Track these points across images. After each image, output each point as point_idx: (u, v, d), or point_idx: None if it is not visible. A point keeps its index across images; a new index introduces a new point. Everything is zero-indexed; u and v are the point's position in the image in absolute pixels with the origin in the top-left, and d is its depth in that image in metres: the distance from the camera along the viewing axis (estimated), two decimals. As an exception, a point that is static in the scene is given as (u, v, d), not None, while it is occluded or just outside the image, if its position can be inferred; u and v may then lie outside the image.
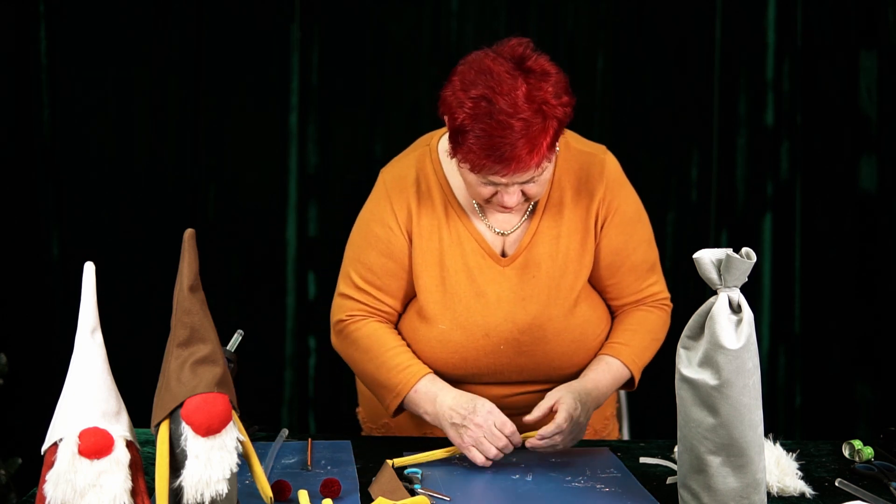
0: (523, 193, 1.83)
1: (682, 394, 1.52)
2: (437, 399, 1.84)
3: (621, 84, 3.19)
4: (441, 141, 1.97)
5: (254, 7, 3.15)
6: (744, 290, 1.50)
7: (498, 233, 1.95)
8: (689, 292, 3.16)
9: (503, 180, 1.78)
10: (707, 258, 1.49)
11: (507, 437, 1.77)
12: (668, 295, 2.06)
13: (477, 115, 1.73)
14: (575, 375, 1.94)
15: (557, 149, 1.86)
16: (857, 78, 3.14)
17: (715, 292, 1.51)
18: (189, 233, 1.38)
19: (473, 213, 1.96)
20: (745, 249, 1.49)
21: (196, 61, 3.14)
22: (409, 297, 1.98)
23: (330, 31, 3.15)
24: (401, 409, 1.91)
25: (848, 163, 3.17)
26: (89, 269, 1.38)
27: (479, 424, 1.77)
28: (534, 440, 1.78)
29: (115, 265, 3.11)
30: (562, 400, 1.81)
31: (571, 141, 1.99)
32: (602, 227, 1.96)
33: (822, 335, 3.21)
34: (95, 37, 3.12)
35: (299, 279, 3.20)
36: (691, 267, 1.54)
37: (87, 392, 1.34)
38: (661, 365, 2.30)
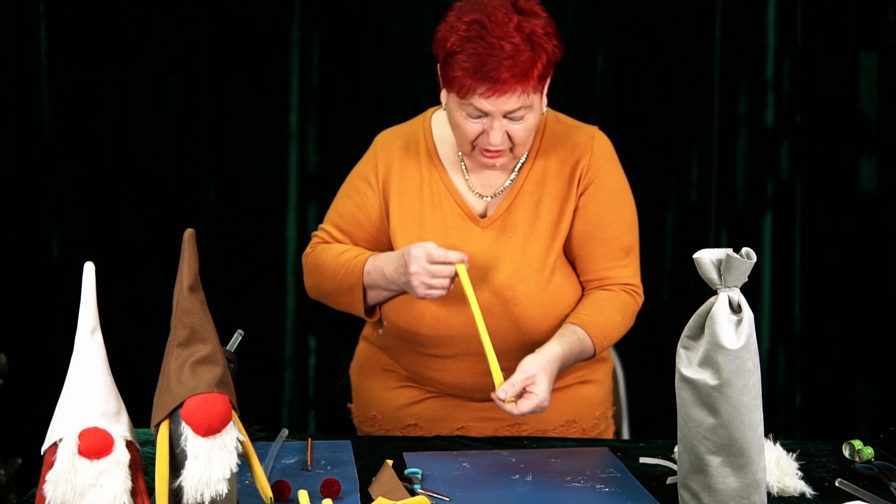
0: (509, 137, 1.88)
1: (682, 394, 1.52)
2: (384, 272, 1.93)
3: (621, 84, 3.19)
4: (435, 114, 2.08)
5: (254, 7, 3.15)
6: (744, 290, 1.50)
7: (481, 196, 2.01)
8: (689, 292, 3.16)
9: (488, 107, 1.82)
10: (707, 258, 1.49)
11: (443, 263, 1.83)
12: (639, 284, 2.05)
13: (468, 37, 1.81)
14: (542, 344, 1.93)
15: (545, 110, 1.94)
16: (857, 78, 3.14)
17: (715, 292, 1.51)
18: (189, 233, 1.38)
19: (458, 174, 2.03)
20: (745, 249, 1.49)
21: (196, 61, 3.15)
22: (372, 250, 2.05)
23: (330, 31, 3.15)
24: (373, 309, 2.01)
25: (848, 163, 3.17)
26: (89, 269, 1.38)
27: (415, 272, 1.84)
28: (501, 400, 1.78)
29: (115, 265, 3.11)
30: (537, 382, 1.80)
31: (563, 117, 2.06)
32: (581, 195, 2.00)
33: (822, 335, 3.21)
34: (95, 37, 3.12)
35: (299, 279, 3.19)
36: (691, 267, 1.54)
37: (87, 392, 1.34)
38: (661, 365, 2.30)
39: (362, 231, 2.06)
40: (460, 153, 2.02)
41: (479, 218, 2.00)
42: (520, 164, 2.01)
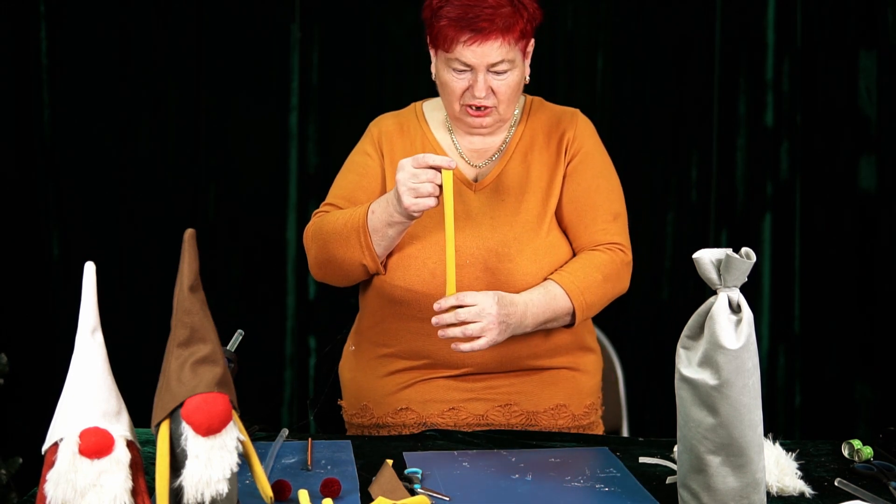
0: (493, 94, 1.97)
1: (682, 394, 1.52)
2: (387, 202, 1.93)
3: (621, 84, 3.19)
4: (425, 103, 2.19)
5: (254, 7, 3.15)
6: (744, 290, 1.50)
7: (470, 163, 2.09)
8: (689, 292, 3.16)
9: (472, 58, 1.93)
10: (707, 258, 1.49)
11: (428, 166, 1.85)
12: (625, 243, 2.08)
13: None
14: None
15: (527, 78, 2.04)
16: (856, 78, 3.14)
17: (715, 292, 1.51)
18: (189, 233, 1.38)
19: (450, 146, 2.11)
20: (744, 249, 1.49)
21: (196, 61, 3.15)
22: None
23: (330, 31, 3.16)
24: (380, 261, 2.01)
25: (848, 163, 3.17)
26: (89, 269, 1.38)
27: (401, 179, 1.86)
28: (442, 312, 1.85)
29: (115, 265, 3.11)
30: (483, 297, 1.87)
31: (547, 102, 2.17)
32: (570, 162, 2.08)
33: (822, 335, 3.21)
34: (95, 37, 3.12)
35: (299, 279, 3.20)
36: (691, 267, 1.54)
37: (88, 392, 1.34)
38: (661, 365, 2.30)
39: (367, 192, 2.09)
40: (449, 128, 2.11)
41: (472, 182, 2.08)
42: (509, 136, 2.10)
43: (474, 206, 2.05)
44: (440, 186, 1.87)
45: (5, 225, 3.15)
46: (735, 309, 1.50)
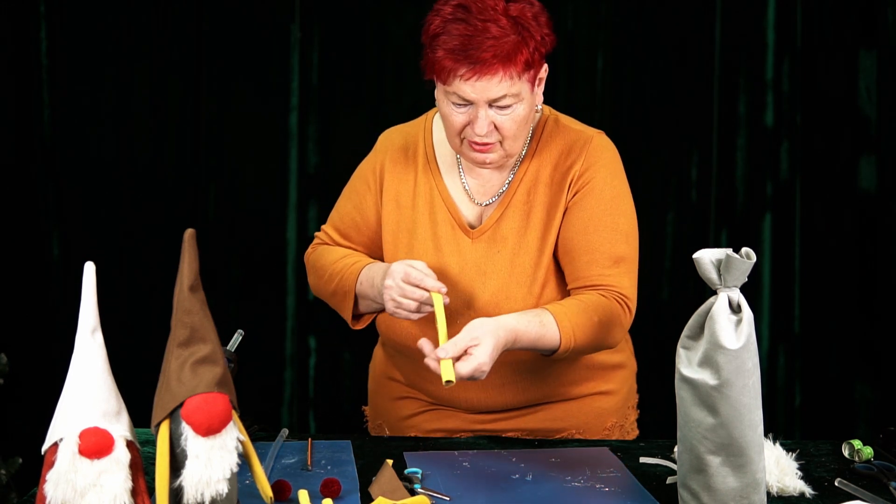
0: (496, 128, 1.81)
1: (682, 394, 1.52)
2: (374, 282, 1.89)
3: (621, 84, 3.19)
4: (437, 114, 2.02)
5: (254, 7, 3.15)
6: (744, 290, 1.50)
7: (476, 202, 1.96)
8: (689, 292, 3.16)
9: (471, 93, 1.76)
10: (707, 258, 1.49)
11: (416, 285, 1.78)
12: (630, 296, 1.90)
13: (453, 19, 1.76)
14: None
15: (539, 107, 1.89)
16: (856, 78, 3.14)
17: (715, 292, 1.51)
18: (189, 233, 1.38)
19: (455, 178, 1.97)
20: (744, 249, 1.49)
21: (196, 61, 3.15)
22: (369, 252, 2.04)
23: (330, 31, 3.16)
24: (361, 317, 1.99)
25: (847, 163, 3.17)
26: (89, 269, 1.38)
27: (388, 287, 1.81)
28: (439, 359, 1.70)
29: (115, 265, 3.11)
30: (481, 343, 1.71)
31: (563, 120, 1.98)
32: (570, 200, 1.91)
33: (822, 335, 3.21)
34: (95, 37, 3.12)
35: (299, 279, 3.20)
36: (691, 267, 1.54)
37: (88, 392, 1.34)
38: (661, 365, 2.30)
39: (360, 234, 2.04)
40: (458, 158, 1.97)
41: (470, 229, 1.94)
42: (516, 167, 1.94)
43: (469, 257, 1.92)
44: (422, 303, 1.78)
45: (5, 225, 3.14)
46: (735, 309, 1.50)
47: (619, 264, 1.89)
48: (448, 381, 1.68)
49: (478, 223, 1.96)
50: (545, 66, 1.84)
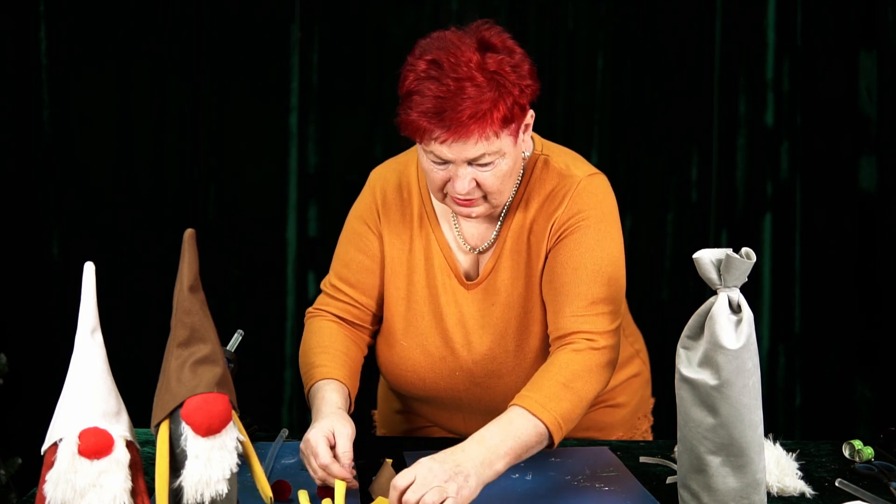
0: (478, 185, 1.72)
1: (682, 394, 1.52)
2: (315, 415, 1.74)
3: (621, 84, 3.19)
4: None
5: (254, 7, 3.15)
6: (744, 290, 1.50)
7: (470, 250, 1.89)
8: (688, 292, 3.16)
9: (448, 154, 1.67)
10: (707, 258, 1.49)
11: (321, 467, 1.62)
12: (599, 331, 1.76)
13: (426, 77, 1.66)
14: None
15: (526, 154, 1.80)
16: (856, 78, 3.14)
17: (715, 292, 1.51)
18: (189, 233, 1.37)
19: (448, 225, 1.90)
20: (744, 249, 1.49)
21: (196, 61, 3.15)
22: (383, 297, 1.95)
23: (330, 31, 3.15)
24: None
25: (848, 163, 3.17)
26: (89, 269, 1.38)
27: (302, 449, 1.66)
28: None
29: (115, 265, 3.11)
30: (413, 465, 1.57)
31: (554, 160, 1.86)
32: (552, 246, 1.82)
33: (822, 335, 3.21)
34: (95, 36, 3.12)
35: (299, 279, 3.20)
36: (691, 267, 1.54)
37: (87, 392, 1.34)
38: (661, 365, 2.30)
39: (371, 276, 1.93)
40: None
41: (466, 280, 1.88)
42: (503, 215, 1.86)
43: (466, 310, 1.87)
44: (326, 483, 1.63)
45: (5, 225, 3.14)
46: (735, 309, 1.50)
47: (595, 305, 1.78)
48: None
49: (474, 272, 1.90)
50: (531, 113, 1.75)
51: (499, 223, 1.87)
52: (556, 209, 1.81)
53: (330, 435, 1.64)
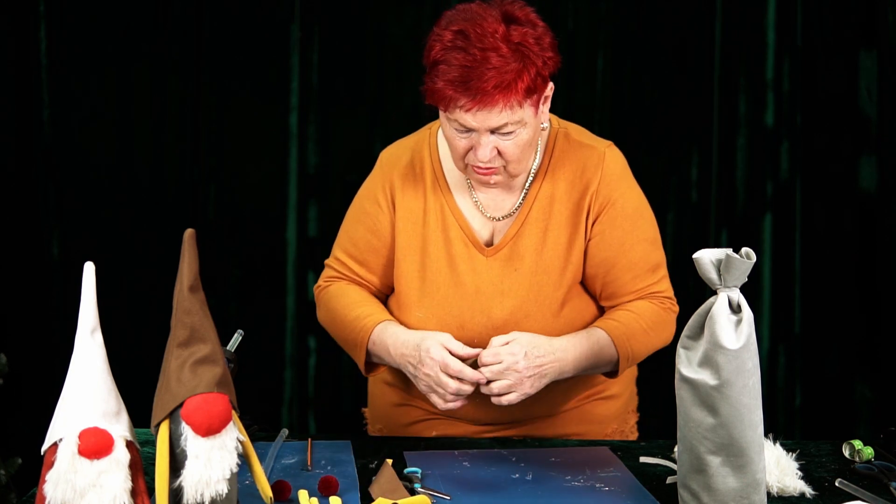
0: (499, 153, 1.79)
1: (682, 394, 1.52)
2: (390, 350, 1.86)
3: (621, 84, 3.19)
4: (441, 128, 1.97)
5: (254, 7, 3.15)
6: (744, 290, 1.50)
7: (489, 217, 1.93)
8: (689, 292, 3.15)
9: (473, 122, 1.74)
10: (707, 258, 1.49)
11: (455, 377, 1.75)
12: (670, 293, 1.97)
13: (453, 47, 1.72)
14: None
15: (545, 125, 1.87)
16: (856, 78, 3.14)
17: (715, 292, 1.51)
18: (189, 233, 1.38)
19: (465, 195, 1.94)
20: (744, 249, 1.49)
21: (196, 61, 3.15)
22: (389, 277, 1.99)
23: (330, 31, 3.15)
24: (375, 364, 1.96)
25: (848, 163, 3.17)
26: (89, 269, 1.38)
27: (427, 374, 1.77)
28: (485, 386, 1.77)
29: (115, 265, 3.11)
30: (508, 345, 1.76)
31: (573, 133, 1.96)
32: (594, 223, 1.91)
33: (822, 335, 3.21)
34: (95, 37, 3.12)
35: (299, 279, 3.20)
36: (691, 267, 1.54)
37: (87, 392, 1.35)
38: (661, 365, 2.30)
39: (378, 256, 1.98)
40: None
41: (485, 246, 1.92)
42: (528, 184, 1.93)
43: (485, 277, 1.90)
44: (459, 394, 1.77)
45: (5, 225, 3.14)
46: (735, 309, 1.50)
47: (657, 270, 1.95)
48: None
49: (491, 240, 1.93)
50: (550, 85, 1.81)
51: (523, 192, 1.93)
52: (589, 183, 1.90)
53: (444, 344, 1.76)
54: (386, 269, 1.99)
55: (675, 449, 1.63)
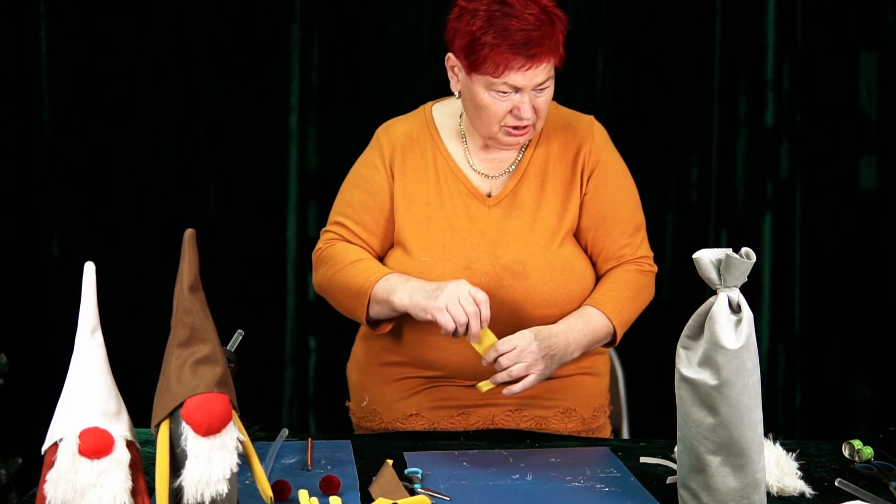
0: (534, 110, 1.92)
1: (682, 394, 1.52)
2: (405, 285, 1.91)
3: (621, 84, 3.19)
4: (435, 106, 2.12)
5: (254, 7, 3.15)
6: (744, 290, 1.50)
7: (488, 176, 2.04)
8: (688, 292, 3.16)
9: (522, 81, 1.87)
10: (707, 258, 1.49)
11: (478, 304, 1.82)
12: (650, 255, 2.10)
13: (492, 17, 1.86)
14: (555, 321, 1.95)
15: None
16: (856, 78, 3.14)
17: (714, 292, 1.51)
18: (189, 233, 1.38)
19: (462, 158, 2.06)
20: (744, 249, 1.49)
21: (196, 61, 3.15)
22: (385, 238, 2.06)
23: (330, 31, 3.15)
24: (376, 322, 2.00)
25: (848, 163, 3.17)
26: (89, 268, 1.38)
27: (456, 289, 1.83)
28: (494, 376, 1.86)
29: (115, 265, 3.11)
30: (517, 334, 1.87)
31: (559, 106, 2.10)
32: (589, 179, 2.04)
33: (822, 335, 3.21)
34: (95, 37, 3.12)
35: (299, 279, 3.20)
36: (691, 267, 1.54)
37: (88, 392, 1.35)
38: (661, 365, 2.30)
39: (372, 214, 2.05)
40: (464, 139, 2.06)
41: (486, 197, 2.03)
42: (523, 148, 2.05)
43: (487, 222, 2.01)
44: (470, 325, 1.82)
45: (5, 225, 3.14)
46: (735, 309, 1.50)
47: (639, 231, 2.09)
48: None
49: (490, 195, 2.04)
50: (561, 54, 1.96)
51: (518, 153, 2.05)
52: (581, 146, 2.05)
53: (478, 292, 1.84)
54: (383, 230, 2.06)
55: (675, 449, 1.63)
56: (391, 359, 2.09)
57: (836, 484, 1.67)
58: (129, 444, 1.34)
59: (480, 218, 2.01)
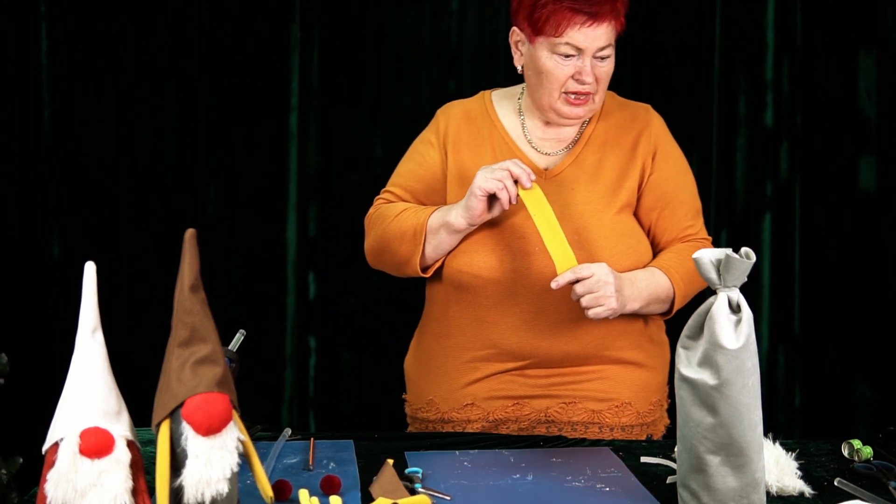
0: (595, 79, 1.98)
1: (682, 393, 1.52)
2: (448, 212, 1.98)
3: (621, 84, 3.18)
4: (493, 92, 2.17)
5: (254, 7, 3.15)
6: (743, 290, 1.51)
7: (545, 153, 2.08)
8: (688, 292, 3.16)
9: (583, 41, 1.93)
10: (706, 258, 1.49)
11: (507, 167, 1.89)
12: (710, 240, 2.13)
13: None
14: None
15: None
16: (856, 78, 3.14)
17: (714, 292, 1.51)
18: (190, 233, 1.38)
19: (521, 137, 2.10)
20: (744, 249, 1.49)
21: (196, 61, 3.15)
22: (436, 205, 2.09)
23: (330, 31, 3.16)
24: (429, 267, 2.05)
25: (847, 163, 3.17)
26: (90, 268, 1.38)
27: (480, 172, 1.92)
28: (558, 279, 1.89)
29: (115, 265, 3.11)
30: (595, 263, 1.91)
31: (618, 97, 2.17)
32: (653, 160, 2.08)
33: (822, 335, 3.21)
34: (96, 37, 3.13)
35: (299, 279, 3.20)
36: (691, 267, 1.54)
37: (88, 392, 1.35)
38: (661, 365, 2.29)
39: (423, 186, 2.11)
40: (522, 117, 2.09)
41: (543, 171, 2.07)
42: (582, 128, 2.09)
43: (544, 192, 2.00)
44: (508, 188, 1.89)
45: (5, 225, 3.14)
46: (735, 309, 1.50)
47: (699, 216, 2.14)
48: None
49: (548, 168, 2.08)
50: (622, 22, 2.00)
51: (576, 134, 2.09)
52: (643, 130, 2.09)
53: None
54: (431, 201, 2.10)
55: (676, 449, 1.63)
56: (445, 342, 2.11)
57: (836, 484, 1.67)
58: (130, 444, 1.35)
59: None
